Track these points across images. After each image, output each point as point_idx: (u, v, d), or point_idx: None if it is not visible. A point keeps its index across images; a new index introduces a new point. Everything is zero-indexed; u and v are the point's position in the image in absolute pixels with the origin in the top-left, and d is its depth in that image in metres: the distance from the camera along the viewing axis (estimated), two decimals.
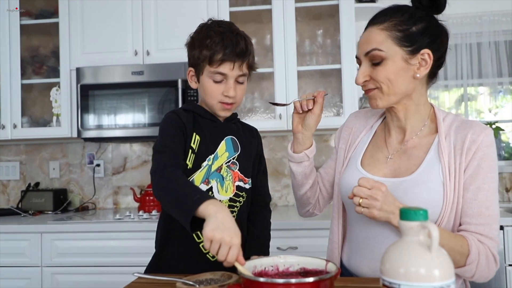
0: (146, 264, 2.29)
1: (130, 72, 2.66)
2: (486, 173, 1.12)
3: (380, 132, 1.32)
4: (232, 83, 1.29)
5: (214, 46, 1.26)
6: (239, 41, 1.28)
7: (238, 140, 1.39)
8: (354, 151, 1.33)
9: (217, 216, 0.97)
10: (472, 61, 2.95)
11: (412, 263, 0.67)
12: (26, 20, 2.88)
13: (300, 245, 2.25)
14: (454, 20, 2.90)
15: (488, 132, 1.15)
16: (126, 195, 3.10)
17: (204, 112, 1.36)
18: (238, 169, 1.36)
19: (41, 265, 2.40)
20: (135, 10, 2.74)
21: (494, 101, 3.05)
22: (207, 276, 1.03)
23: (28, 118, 2.94)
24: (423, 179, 1.14)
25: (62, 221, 2.50)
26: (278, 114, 2.65)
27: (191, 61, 1.34)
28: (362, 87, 1.20)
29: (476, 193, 1.12)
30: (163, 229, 1.37)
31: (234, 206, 1.35)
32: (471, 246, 1.08)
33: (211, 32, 1.29)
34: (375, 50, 1.14)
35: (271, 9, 2.71)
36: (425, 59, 1.15)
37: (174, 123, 1.29)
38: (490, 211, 1.11)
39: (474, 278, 1.11)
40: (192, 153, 1.29)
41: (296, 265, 0.99)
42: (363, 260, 1.21)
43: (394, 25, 1.13)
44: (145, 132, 2.66)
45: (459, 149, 1.14)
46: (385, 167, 1.23)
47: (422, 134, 1.22)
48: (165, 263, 1.35)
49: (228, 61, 1.26)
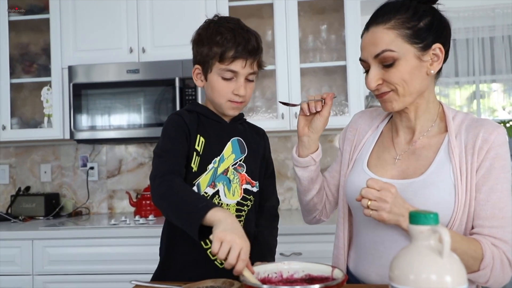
0: (143, 271, 2.30)
1: (125, 70, 2.67)
2: (499, 173, 1.12)
3: (386, 132, 1.33)
4: (242, 81, 1.30)
5: (226, 43, 1.26)
6: (251, 38, 1.30)
7: (245, 142, 1.39)
8: (360, 152, 1.33)
9: (227, 220, 1.01)
10: (485, 56, 2.95)
11: (423, 269, 0.67)
12: (15, 16, 2.89)
13: (304, 251, 2.25)
14: (465, 13, 2.90)
15: (501, 130, 1.15)
16: (121, 199, 3.11)
17: (208, 112, 1.36)
18: (245, 172, 1.36)
19: (32, 273, 2.41)
20: (130, 5, 2.74)
21: (508, 98, 3.05)
22: (208, 283, 1.04)
23: (18, 119, 2.95)
24: (433, 180, 1.14)
25: (54, 227, 2.50)
26: (280, 113, 2.66)
27: (198, 58, 1.33)
28: (374, 91, 1.19)
29: (489, 194, 1.11)
30: (168, 237, 1.37)
31: (242, 210, 1.35)
32: (485, 250, 1.07)
33: (222, 29, 1.29)
34: (387, 51, 1.13)
35: (272, 4, 2.72)
36: (437, 54, 1.15)
37: (177, 125, 1.29)
38: (504, 213, 1.11)
39: (489, 283, 1.11)
40: (197, 155, 1.30)
41: (301, 272, 0.99)
42: (371, 266, 1.21)
43: (401, 22, 1.13)
44: (141, 133, 2.66)
45: (471, 148, 1.14)
46: (392, 168, 1.23)
47: (431, 133, 1.23)
48: (171, 271, 1.34)
49: (240, 58, 1.27)
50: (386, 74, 1.14)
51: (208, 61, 1.30)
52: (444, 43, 1.16)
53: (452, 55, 2.95)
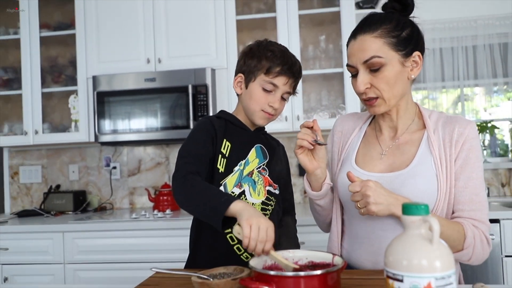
0: (162, 260, 2.31)
1: (143, 79, 2.68)
2: (474, 163, 1.15)
3: (370, 131, 1.33)
4: (279, 96, 1.30)
5: (276, 60, 1.28)
6: (296, 62, 1.33)
7: (267, 149, 1.39)
8: (347, 151, 1.32)
9: (248, 208, 1.02)
10: (468, 63, 2.94)
11: (414, 255, 0.68)
12: (45, 33, 2.91)
13: (307, 240, 2.25)
14: (450, 24, 2.89)
15: (472, 125, 1.18)
16: (141, 195, 3.12)
17: (236, 120, 1.36)
18: (268, 175, 1.36)
19: (63, 262, 2.43)
20: (147, 21, 2.76)
21: (490, 101, 3.04)
22: (221, 270, 1.04)
23: (49, 124, 2.97)
24: (418, 171, 1.15)
25: (82, 220, 2.52)
26: (284, 116, 2.66)
27: (244, 68, 1.33)
28: (362, 95, 1.19)
29: (467, 181, 1.15)
30: (195, 232, 1.36)
31: (267, 210, 1.34)
32: (467, 230, 1.10)
33: (273, 47, 1.31)
34: (375, 58, 1.13)
35: (275, 17, 2.72)
36: (416, 61, 1.18)
37: (205, 129, 1.29)
38: (480, 198, 1.15)
39: (471, 261, 1.13)
40: (223, 157, 1.29)
41: (305, 259, 0.99)
42: (363, 254, 1.22)
43: (387, 32, 1.14)
44: (158, 135, 2.67)
45: (448, 142, 1.17)
46: (380, 163, 1.24)
47: (411, 130, 1.24)
48: (197, 265, 1.32)
49: (284, 75, 1.29)
50: (373, 78, 1.15)
51: (254, 71, 1.30)
52: (422, 51, 1.19)
53: (438, 62, 2.95)
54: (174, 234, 2.35)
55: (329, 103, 2.85)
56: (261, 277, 0.85)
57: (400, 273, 0.68)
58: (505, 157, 3.00)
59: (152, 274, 1.17)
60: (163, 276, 1.15)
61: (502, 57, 2.93)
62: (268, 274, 0.84)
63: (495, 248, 2.21)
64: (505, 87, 3.00)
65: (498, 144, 3.05)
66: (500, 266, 2.20)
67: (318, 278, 0.82)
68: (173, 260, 2.32)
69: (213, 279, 0.98)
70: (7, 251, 2.45)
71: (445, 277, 0.66)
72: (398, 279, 0.68)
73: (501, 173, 2.88)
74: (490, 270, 2.22)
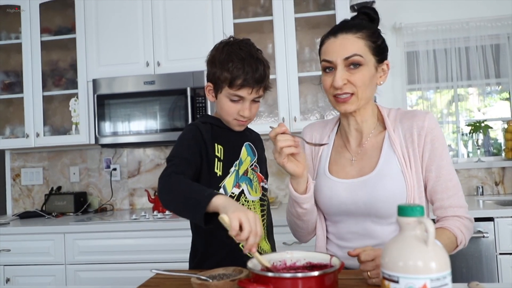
0: (161, 260, 2.30)
1: (142, 82, 2.67)
2: (441, 151, 1.18)
3: (338, 140, 1.34)
4: (247, 105, 1.27)
5: (236, 71, 1.23)
6: (259, 67, 1.26)
7: (253, 146, 1.39)
8: (320, 162, 1.33)
9: (231, 202, 1.00)
10: (461, 64, 2.94)
11: (410, 256, 0.67)
12: (46, 37, 2.90)
13: None
14: (443, 26, 2.89)
15: (430, 115, 1.20)
16: (141, 196, 3.11)
17: (220, 122, 1.34)
18: (259, 171, 1.37)
19: (64, 263, 2.42)
20: (146, 25, 2.75)
21: (483, 101, 3.04)
22: (220, 271, 1.04)
23: (50, 127, 2.96)
24: (385, 172, 1.18)
25: (82, 222, 2.51)
26: (281, 117, 2.66)
27: (211, 77, 1.30)
28: (337, 90, 1.18)
29: (439, 170, 1.17)
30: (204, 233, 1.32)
31: (264, 205, 1.35)
32: (454, 231, 1.13)
33: (233, 56, 1.25)
34: (357, 56, 1.15)
35: (272, 20, 2.72)
36: (385, 69, 1.23)
37: (191, 135, 1.27)
38: (454, 182, 1.18)
39: (466, 245, 1.19)
40: (219, 161, 1.28)
41: (303, 260, 0.99)
42: (346, 254, 1.21)
43: (368, 35, 1.18)
44: (157, 137, 2.67)
45: (409, 137, 1.19)
46: (351, 169, 1.25)
47: (375, 133, 1.26)
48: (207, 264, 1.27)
49: (247, 86, 1.24)
50: (351, 76, 1.17)
51: (219, 83, 1.27)
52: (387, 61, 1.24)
53: (432, 63, 2.95)
54: (174, 235, 2.34)
55: (326, 105, 2.84)
56: (259, 279, 0.84)
57: (396, 275, 0.67)
58: (498, 156, 3.01)
59: (152, 275, 1.16)
60: (163, 277, 1.15)
61: (494, 58, 2.93)
62: (266, 276, 0.83)
63: (490, 246, 2.21)
64: (497, 88, 3.00)
65: (491, 144, 3.05)
66: (495, 263, 2.20)
67: (316, 279, 0.82)
68: (173, 260, 2.31)
69: (212, 280, 0.97)
70: (9, 252, 2.44)
71: (441, 278, 0.66)
72: (394, 280, 0.67)
73: (495, 172, 2.88)
74: (484, 268, 2.22)
